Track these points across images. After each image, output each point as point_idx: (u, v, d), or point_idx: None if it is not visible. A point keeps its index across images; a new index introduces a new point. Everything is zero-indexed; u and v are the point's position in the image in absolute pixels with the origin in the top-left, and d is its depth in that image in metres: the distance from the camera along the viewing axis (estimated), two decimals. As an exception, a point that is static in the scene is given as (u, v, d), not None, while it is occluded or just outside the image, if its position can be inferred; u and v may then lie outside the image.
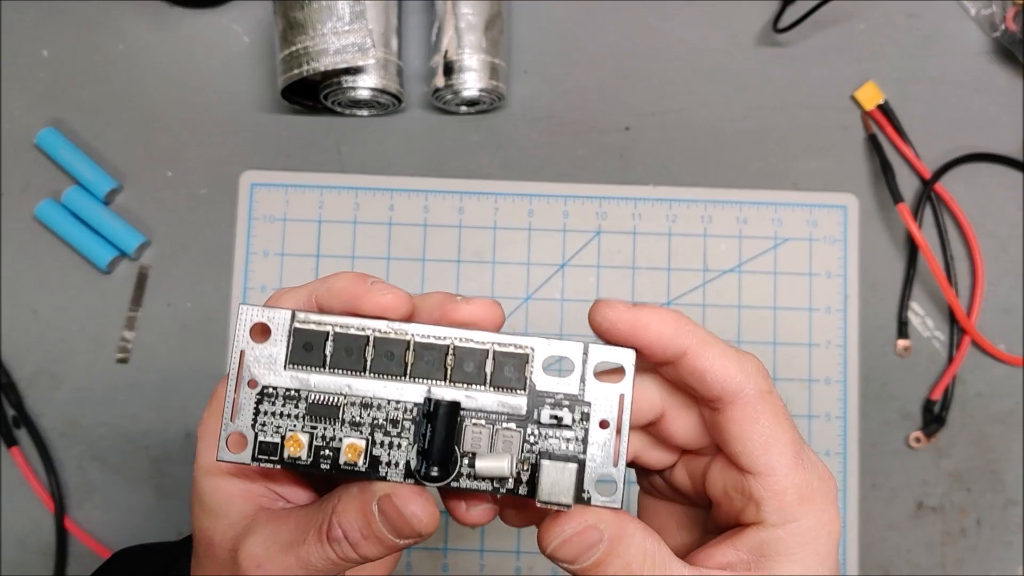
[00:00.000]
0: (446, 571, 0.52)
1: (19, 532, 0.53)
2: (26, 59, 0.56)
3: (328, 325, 0.27)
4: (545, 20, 0.57)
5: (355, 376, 0.27)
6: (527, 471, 0.26)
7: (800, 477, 0.26)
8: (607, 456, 0.26)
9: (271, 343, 0.27)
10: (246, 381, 0.27)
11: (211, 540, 0.29)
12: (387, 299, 0.27)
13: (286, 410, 0.27)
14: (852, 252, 0.55)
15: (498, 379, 0.27)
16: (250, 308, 0.27)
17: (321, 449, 0.27)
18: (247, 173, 0.55)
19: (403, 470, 0.27)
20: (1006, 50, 0.56)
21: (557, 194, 0.55)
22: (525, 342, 0.27)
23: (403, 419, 0.27)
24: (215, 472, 0.29)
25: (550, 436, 0.27)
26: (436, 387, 0.27)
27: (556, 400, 0.27)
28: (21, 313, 0.54)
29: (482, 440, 0.27)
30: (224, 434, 0.27)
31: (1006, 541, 0.53)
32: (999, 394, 0.54)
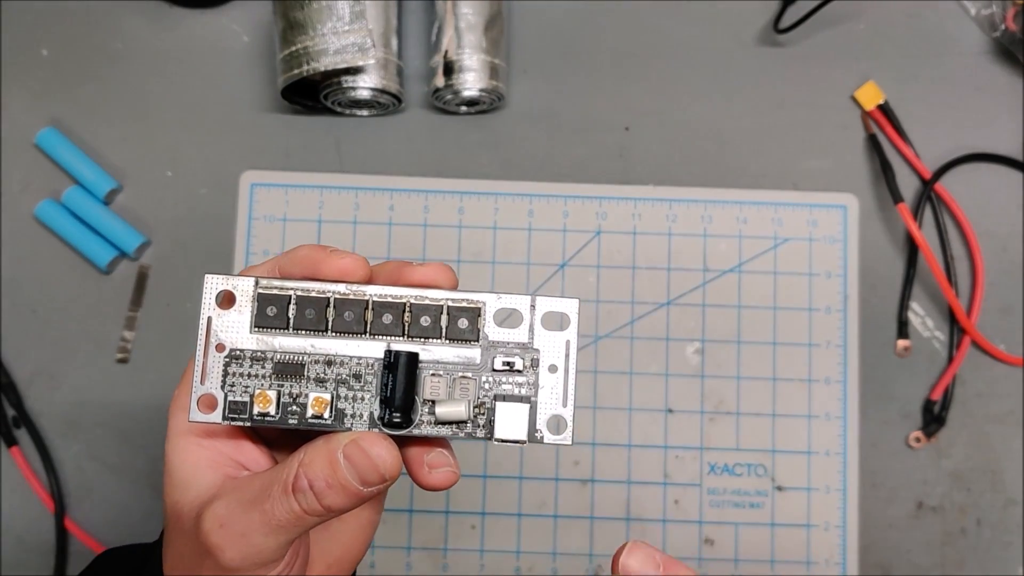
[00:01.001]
0: (446, 571, 0.52)
1: (19, 532, 0.53)
2: (26, 58, 0.56)
3: (290, 289, 0.29)
4: (545, 20, 0.57)
5: (318, 336, 0.28)
6: (483, 415, 0.28)
7: None
8: (557, 397, 0.28)
9: (236, 309, 0.29)
10: (214, 345, 0.28)
11: (179, 512, 0.29)
12: (345, 262, 0.28)
13: (253, 370, 0.28)
14: (852, 252, 0.55)
15: (453, 332, 0.29)
16: (215, 277, 0.29)
17: (288, 405, 0.28)
18: (247, 173, 0.55)
19: (367, 421, 0.28)
20: (1006, 50, 0.56)
21: (557, 194, 0.55)
22: (476, 297, 0.29)
23: (365, 373, 0.28)
24: (182, 441, 0.29)
25: (504, 382, 0.29)
26: (395, 342, 0.28)
27: (508, 349, 0.29)
28: (21, 313, 0.54)
29: (440, 388, 0.28)
30: (195, 396, 0.28)
31: (1006, 541, 0.53)
32: (999, 394, 0.54)
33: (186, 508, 0.29)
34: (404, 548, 0.52)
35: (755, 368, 0.54)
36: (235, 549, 0.27)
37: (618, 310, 0.54)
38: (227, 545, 0.27)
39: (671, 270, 0.55)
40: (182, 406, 0.29)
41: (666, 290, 0.54)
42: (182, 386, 0.30)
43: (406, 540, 0.52)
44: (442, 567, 0.52)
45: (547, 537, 0.52)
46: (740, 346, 0.54)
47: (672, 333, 0.54)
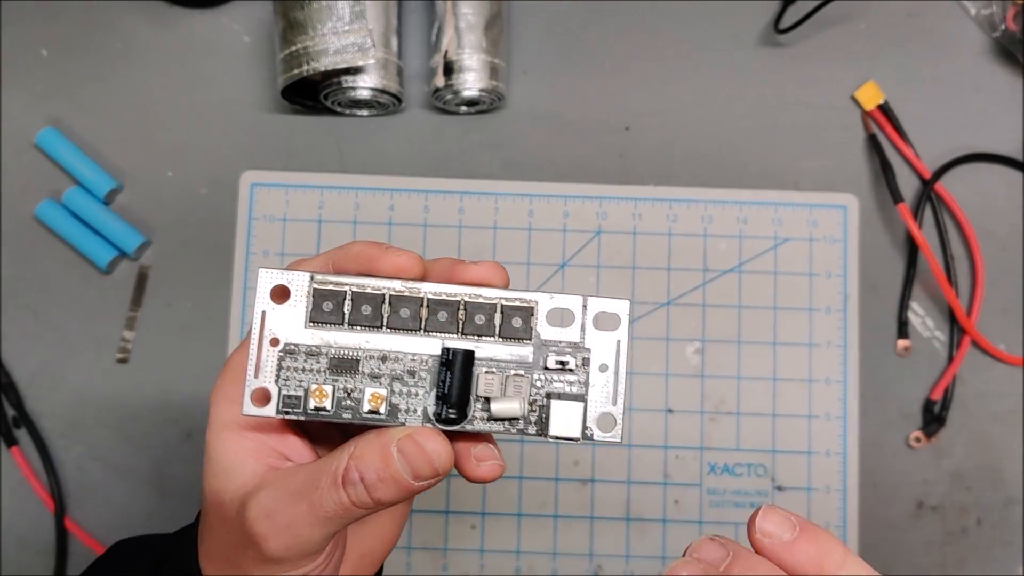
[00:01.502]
0: (446, 571, 0.52)
1: (19, 532, 0.53)
2: (26, 59, 0.56)
3: (346, 285, 0.29)
4: (545, 20, 0.57)
5: (373, 332, 0.29)
6: (535, 412, 0.29)
7: None
8: (607, 396, 0.29)
9: (291, 304, 0.29)
10: (268, 340, 0.28)
11: (221, 500, 0.29)
12: (402, 259, 0.28)
13: (308, 365, 0.28)
14: (852, 252, 0.55)
15: (506, 330, 0.29)
16: (270, 271, 0.29)
17: (343, 400, 0.28)
18: (247, 173, 0.55)
19: (420, 416, 0.28)
20: (1006, 50, 0.56)
21: (557, 194, 0.55)
22: (530, 296, 0.29)
23: (419, 370, 0.29)
24: (226, 432, 0.30)
25: (555, 380, 0.29)
26: (449, 340, 0.29)
27: (560, 348, 0.29)
28: (21, 313, 0.54)
29: (494, 385, 0.29)
30: (248, 390, 0.28)
31: (1006, 540, 0.53)
32: (999, 394, 0.54)
33: (228, 497, 0.29)
34: (404, 548, 0.52)
35: (755, 368, 0.54)
36: (280, 540, 0.28)
37: (618, 310, 0.54)
38: (272, 535, 0.27)
39: (671, 270, 0.55)
40: (225, 396, 0.30)
41: (666, 290, 0.54)
42: (224, 376, 0.30)
43: (406, 540, 0.52)
44: (442, 567, 0.52)
45: (547, 537, 0.52)
46: (740, 346, 0.54)
47: (672, 333, 0.54)
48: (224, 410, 0.30)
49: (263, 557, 0.28)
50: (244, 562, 0.29)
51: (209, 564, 0.30)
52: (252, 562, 0.28)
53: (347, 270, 0.29)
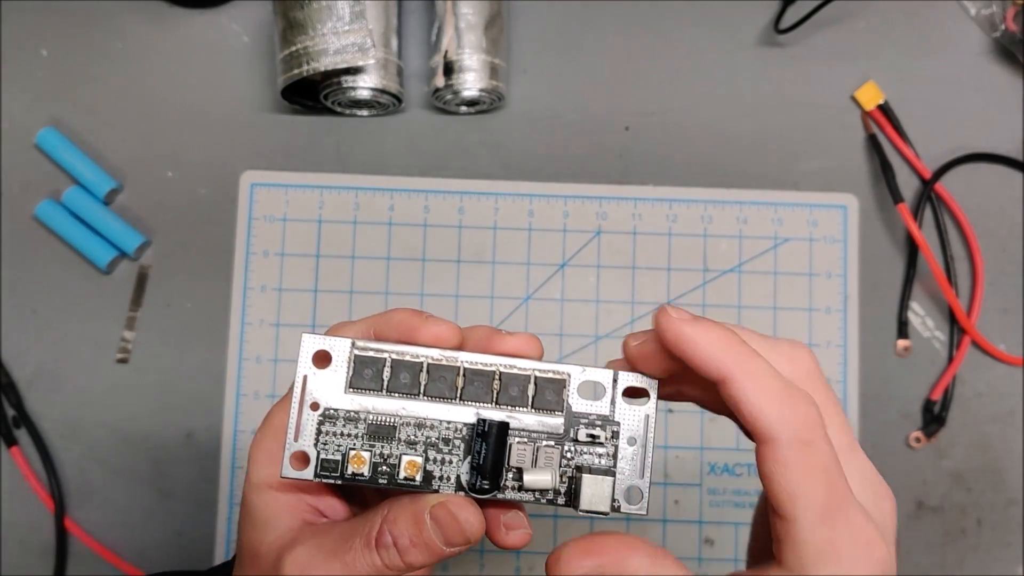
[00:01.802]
0: (446, 571, 0.52)
1: (19, 532, 0.53)
2: (26, 59, 0.56)
3: (386, 352, 0.29)
4: (545, 20, 0.57)
5: (411, 399, 0.29)
6: (564, 483, 0.29)
7: (823, 536, 0.25)
8: (635, 469, 0.29)
9: (332, 369, 0.29)
10: (308, 404, 0.29)
11: (257, 552, 0.30)
12: (441, 329, 0.29)
13: (346, 430, 0.29)
14: (852, 252, 0.55)
15: (539, 402, 0.30)
16: (312, 337, 0.29)
17: (379, 465, 0.29)
18: (247, 173, 0.55)
19: (454, 484, 0.29)
20: (1006, 50, 0.56)
21: (557, 194, 0.55)
22: (562, 369, 0.30)
23: (454, 438, 0.29)
24: (265, 487, 0.30)
25: (585, 452, 0.30)
26: (484, 409, 0.29)
27: (590, 420, 0.30)
28: (21, 313, 0.54)
29: (526, 456, 0.29)
30: (288, 453, 0.29)
31: (1006, 541, 0.53)
32: (999, 394, 0.54)
33: (264, 549, 0.30)
34: (404, 548, 0.52)
35: (755, 368, 0.53)
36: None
37: (618, 310, 0.54)
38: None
39: (671, 270, 0.55)
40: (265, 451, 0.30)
41: (666, 290, 0.54)
42: (264, 431, 0.31)
43: (406, 540, 0.52)
44: (442, 567, 0.52)
45: (547, 537, 0.52)
46: (740, 346, 0.54)
47: (672, 333, 0.54)
48: (263, 465, 0.30)
49: None
50: None
51: None
52: None
53: (388, 337, 0.30)
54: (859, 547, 0.25)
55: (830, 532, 0.25)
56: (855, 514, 0.26)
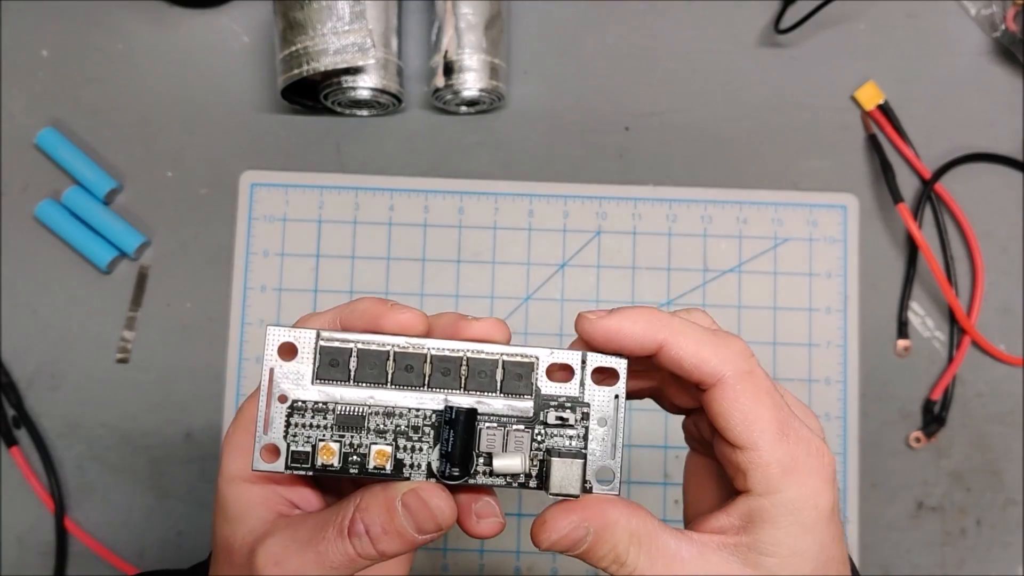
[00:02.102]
0: (446, 571, 0.52)
1: (19, 532, 0.53)
2: (26, 59, 0.56)
3: (351, 342, 0.29)
4: (545, 20, 0.57)
5: (378, 388, 0.29)
6: (535, 467, 0.29)
7: (783, 452, 0.28)
8: (606, 450, 0.29)
9: (298, 360, 0.29)
10: (276, 396, 0.29)
11: (231, 546, 0.30)
12: (406, 316, 0.29)
13: (315, 421, 0.29)
14: (852, 252, 0.55)
15: (508, 386, 0.29)
16: (278, 329, 0.29)
17: (349, 455, 0.29)
18: (247, 173, 0.55)
19: (425, 471, 0.29)
20: (1006, 50, 0.56)
21: (557, 194, 0.55)
22: (530, 352, 0.30)
23: (423, 425, 0.29)
24: (237, 480, 0.30)
25: (555, 435, 0.29)
26: (452, 395, 0.29)
27: (560, 403, 0.29)
28: (21, 313, 0.54)
29: (496, 441, 0.29)
30: (258, 446, 0.29)
31: (1006, 541, 0.53)
32: (999, 394, 0.54)
33: (237, 543, 0.30)
34: (404, 548, 0.52)
35: (755, 368, 0.53)
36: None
37: (618, 310, 0.54)
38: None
39: (671, 270, 0.55)
40: (236, 444, 0.31)
41: (666, 290, 0.54)
42: (236, 424, 0.31)
43: (406, 540, 0.52)
44: (442, 567, 0.52)
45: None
46: (740, 346, 0.54)
47: (672, 333, 0.54)
48: (235, 458, 0.30)
49: None
50: None
51: None
52: None
53: (355, 326, 0.30)
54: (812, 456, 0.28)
55: (787, 448, 0.28)
56: (800, 427, 0.28)
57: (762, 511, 0.28)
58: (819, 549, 0.28)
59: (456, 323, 0.30)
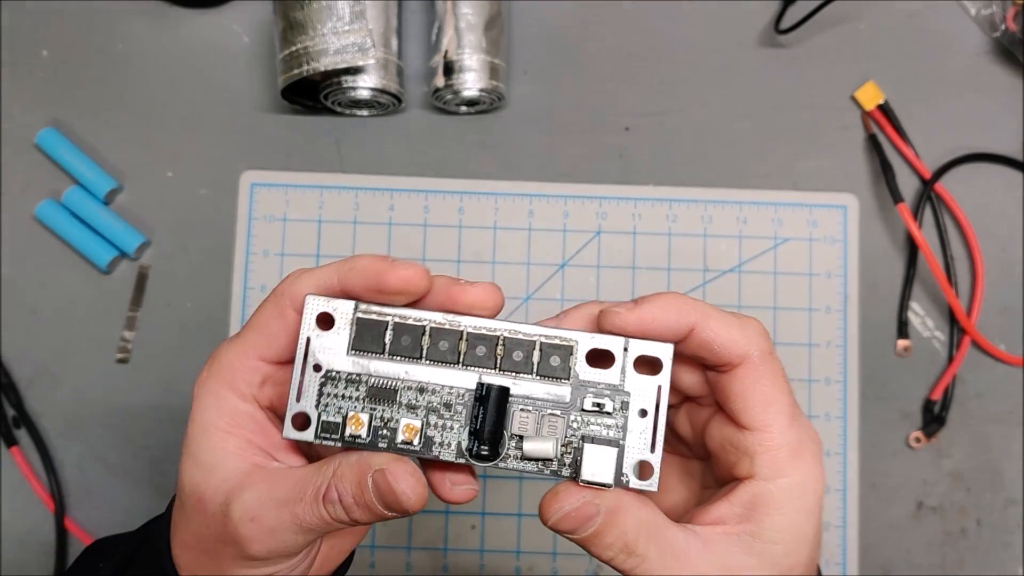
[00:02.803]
0: (446, 571, 0.52)
1: (19, 532, 0.53)
2: (26, 59, 0.56)
3: (388, 316, 0.29)
4: (545, 20, 0.57)
5: (412, 363, 0.29)
6: (570, 454, 0.28)
7: (793, 435, 0.28)
8: (645, 442, 0.28)
9: (335, 331, 0.29)
10: (312, 365, 0.29)
11: (202, 495, 0.30)
12: (409, 272, 0.28)
13: (347, 392, 0.29)
14: (852, 252, 0.55)
15: (544, 368, 0.29)
16: (316, 299, 0.29)
17: (379, 429, 0.29)
18: (247, 173, 0.55)
19: (455, 450, 0.29)
20: (1006, 50, 0.56)
21: (557, 194, 0.55)
22: (570, 335, 0.29)
23: (455, 403, 0.29)
24: (213, 429, 0.30)
25: (592, 422, 0.29)
26: (486, 375, 0.29)
27: (598, 390, 0.29)
28: (21, 313, 0.54)
29: (529, 424, 0.29)
30: (290, 413, 0.29)
31: (1006, 541, 0.53)
32: (999, 394, 0.54)
33: (210, 492, 0.29)
34: (404, 548, 0.52)
35: (755, 368, 0.53)
36: (263, 543, 0.28)
37: (618, 310, 0.54)
38: (256, 539, 0.28)
39: (671, 270, 0.55)
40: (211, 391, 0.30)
41: (666, 290, 0.54)
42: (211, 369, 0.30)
43: (406, 540, 0.52)
44: (442, 567, 0.52)
45: (547, 537, 0.52)
46: (740, 346, 0.54)
47: (672, 333, 0.54)
48: (209, 405, 0.30)
49: (244, 556, 0.29)
50: (222, 557, 0.29)
51: (185, 553, 0.31)
52: (231, 558, 0.29)
53: (355, 285, 0.29)
54: (814, 441, 0.29)
55: (796, 431, 0.28)
56: (800, 412, 0.29)
57: (767, 497, 0.28)
58: (815, 533, 0.28)
59: (449, 288, 0.29)
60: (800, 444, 0.28)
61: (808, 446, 0.28)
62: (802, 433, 0.28)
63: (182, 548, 0.31)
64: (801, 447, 0.28)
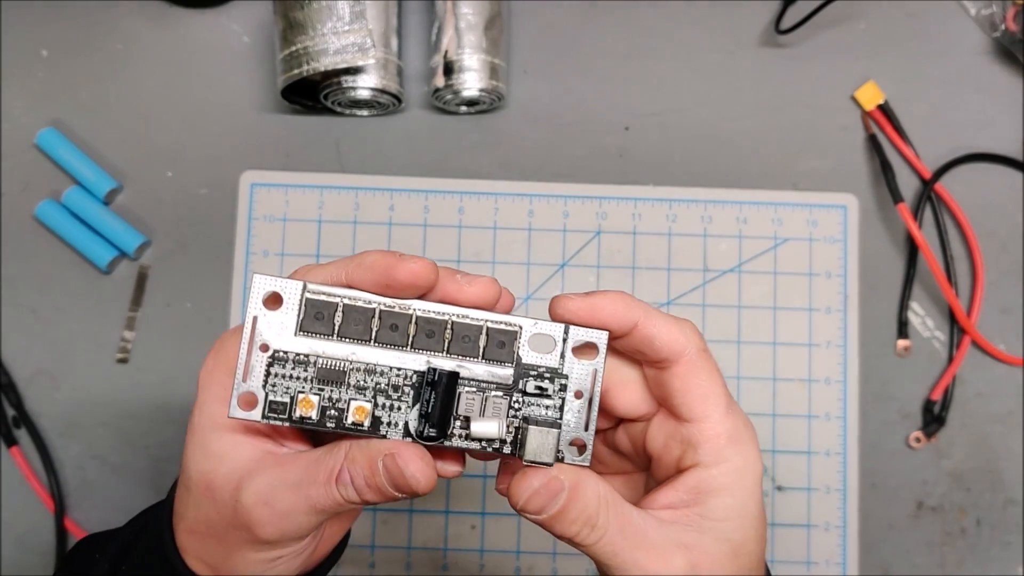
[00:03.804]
0: (446, 571, 0.52)
1: (19, 532, 0.53)
2: (26, 59, 0.56)
3: (337, 297, 0.29)
4: (545, 20, 0.57)
5: (361, 344, 0.29)
6: (511, 433, 0.30)
7: (730, 423, 0.30)
8: (580, 422, 0.30)
9: (283, 311, 0.29)
10: (258, 345, 0.29)
11: (211, 483, 0.30)
12: (418, 265, 0.29)
13: (295, 373, 0.29)
14: (852, 252, 0.55)
15: (490, 352, 0.30)
16: (264, 277, 0.29)
17: (328, 409, 0.29)
18: (247, 173, 0.55)
19: (402, 430, 0.29)
20: (1006, 50, 0.56)
21: (557, 194, 0.55)
22: (514, 321, 0.30)
23: (403, 385, 0.29)
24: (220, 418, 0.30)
25: (532, 404, 0.30)
26: (434, 358, 0.29)
27: (539, 372, 0.30)
28: (21, 313, 0.54)
29: (475, 406, 0.29)
30: (236, 393, 0.29)
31: (1006, 541, 0.53)
32: (999, 394, 0.54)
33: (220, 480, 0.30)
34: (404, 548, 0.52)
35: (755, 368, 0.54)
36: (276, 526, 0.29)
37: (618, 310, 0.54)
38: (269, 522, 0.29)
39: (671, 270, 0.55)
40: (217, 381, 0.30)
41: (666, 290, 0.54)
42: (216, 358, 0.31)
43: (406, 540, 0.52)
44: (442, 567, 0.52)
45: (547, 537, 0.52)
46: (740, 346, 0.54)
47: (672, 333, 0.54)
48: (216, 394, 0.30)
49: (255, 539, 0.29)
50: (231, 541, 0.30)
51: (190, 538, 0.31)
52: (241, 542, 0.30)
53: (363, 281, 0.29)
54: (748, 428, 0.31)
55: (733, 420, 0.30)
56: (734, 402, 0.31)
57: (711, 481, 0.30)
58: (759, 510, 0.30)
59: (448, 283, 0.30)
60: (737, 431, 0.30)
61: (744, 432, 0.30)
62: (738, 421, 0.30)
63: (188, 533, 0.31)
64: (738, 433, 0.30)
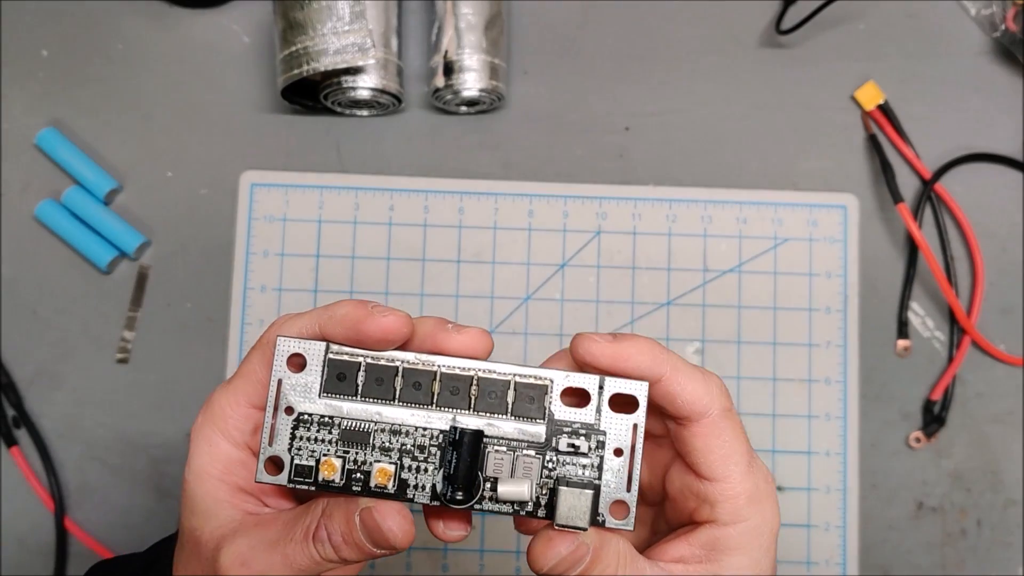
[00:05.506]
0: (446, 571, 0.52)
1: (19, 532, 0.53)
2: (26, 59, 0.56)
3: (360, 356, 0.29)
4: (545, 20, 0.57)
5: (385, 404, 0.28)
6: (546, 495, 0.28)
7: (750, 483, 0.29)
8: (621, 481, 0.28)
9: (306, 372, 0.29)
10: (283, 408, 0.28)
11: (198, 539, 0.30)
12: (388, 320, 0.28)
13: (320, 435, 0.28)
14: (852, 252, 0.55)
15: (519, 409, 0.28)
16: (287, 340, 0.29)
17: (353, 472, 0.28)
18: (247, 173, 0.55)
19: (429, 492, 0.28)
20: (1006, 50, 0.56)
21: (557, 194, 0.55)
22: (544, 374, 0.28)
23: (429, 445, 0.28)
24: (206, 475, 0.30)
25: (567, 462, 0.28)
26: (461, 415, 0.28)
27: (573, 429, 0.28)
28: (21, 313, 0.54)
29: (504, 466, 0.28)
30: (263, 458, 0.28)
31: (1006, 541, 0.53)
32: (999, 394, 0.54)
33: (205, 537, 0.30)
34: (404, 548, 0.52)
35: (755, 368, 0.54)
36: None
37: (618, 310, 0.54)
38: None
39: (671, 270, 0.55)
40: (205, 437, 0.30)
41: (666, 290, 0.54)
42: (205, 415, 0.31)
43: (406, 540, 0.52)
44: (442, 567, 0.52)
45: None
46: (740, 346, 0.54)
47: (672, 333, 0.54)
48: (204, 451, 0.30)
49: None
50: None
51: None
52: None
53: (335, 334, 0.29)
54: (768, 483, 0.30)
55: (754, 479, 0.29)
56: (756, 457, 0.30)
57: (727, 539, 0.29)
58: (771, 567, 0.30)
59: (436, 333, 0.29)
60: (757, 489, 0.29)
61: (764, 489, 0.30)
62: (758, 478, 0.29)
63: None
64: (758, 492, 0.29)
